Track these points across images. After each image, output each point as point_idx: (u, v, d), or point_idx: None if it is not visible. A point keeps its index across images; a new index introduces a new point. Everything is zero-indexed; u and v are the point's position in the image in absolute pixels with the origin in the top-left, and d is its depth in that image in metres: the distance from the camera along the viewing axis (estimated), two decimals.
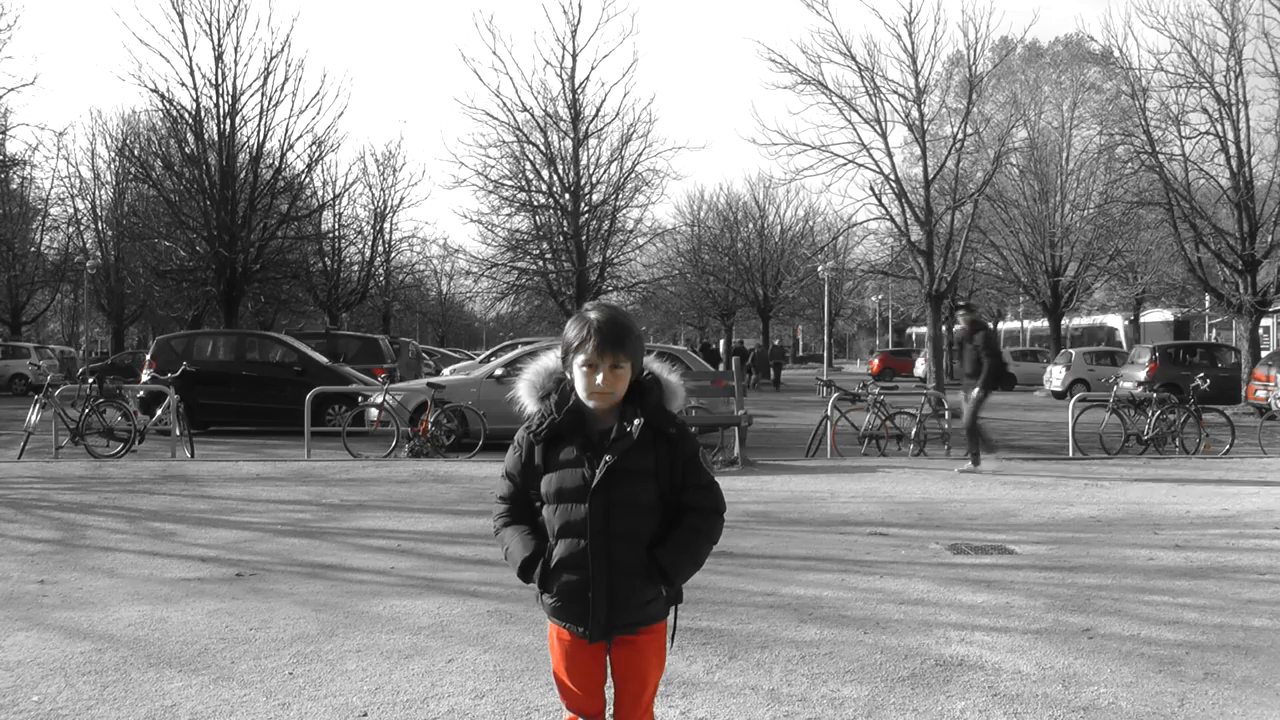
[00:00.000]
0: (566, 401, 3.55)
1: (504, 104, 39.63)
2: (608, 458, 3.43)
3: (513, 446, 3.70)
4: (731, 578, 8.58)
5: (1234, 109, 35.95)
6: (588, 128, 40.20)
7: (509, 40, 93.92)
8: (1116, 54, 40.25)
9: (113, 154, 56.56)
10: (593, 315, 3.52)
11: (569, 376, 3.57)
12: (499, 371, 20.15)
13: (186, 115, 38.20)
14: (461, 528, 10.97)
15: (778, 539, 10.47)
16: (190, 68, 37.68)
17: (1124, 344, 62.51)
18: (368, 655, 6.35)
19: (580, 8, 40.49)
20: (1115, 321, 65.91)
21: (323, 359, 24.32)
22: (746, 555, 9.58)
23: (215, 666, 6.14)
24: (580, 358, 3.47)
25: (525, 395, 3.72)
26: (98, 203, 58.81)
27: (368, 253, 55.04)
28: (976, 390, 16.59)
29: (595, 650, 3.55)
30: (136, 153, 46.67)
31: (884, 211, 39.31)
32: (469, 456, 17.45)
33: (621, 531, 3.43)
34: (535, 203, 41.18)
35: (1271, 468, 17.37)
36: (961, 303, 19.65)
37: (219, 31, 37.73)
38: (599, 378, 3.46)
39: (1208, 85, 36.10)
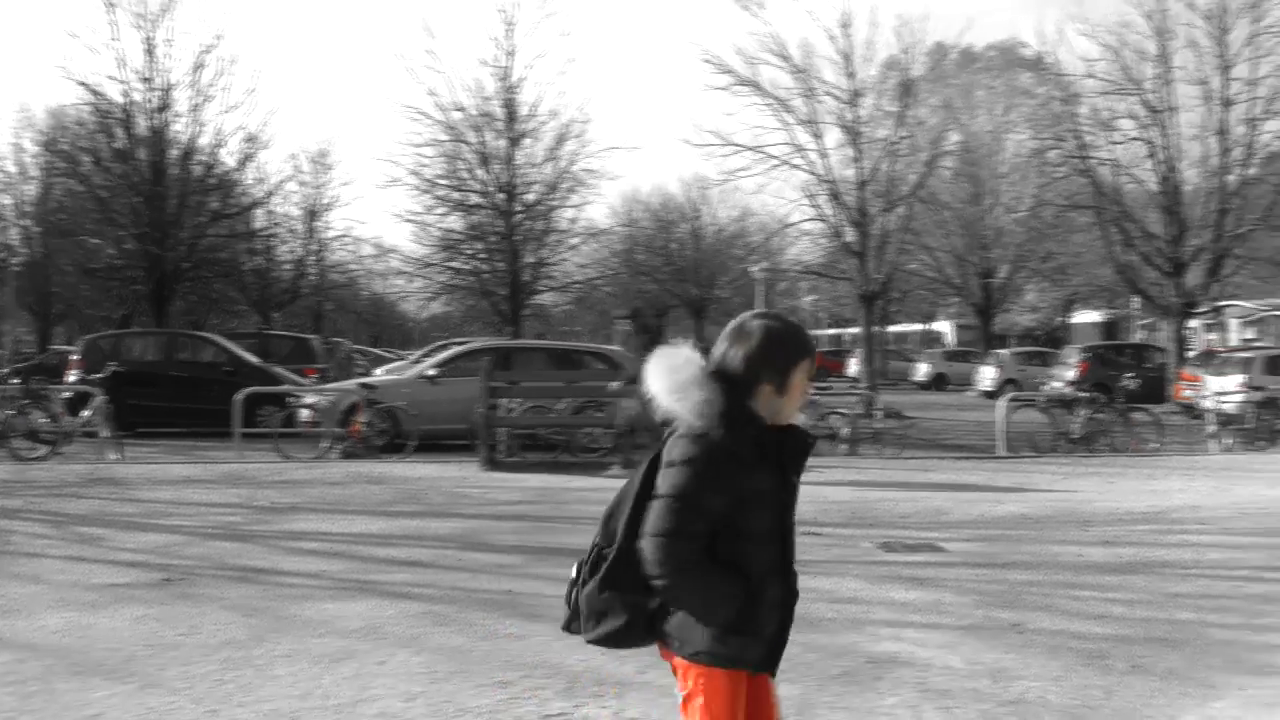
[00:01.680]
0: (754, 418, 3.31)
1: (438, 103, 39.47)
2: (794, 479, 3.36)
3: (708, 464, 3.23)
4: None
5: (1163, 115, 36.54)
6: (523, 127, 40.08)
7: (444, 39, 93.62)
8: (1049, 60, 40.78)
9: (39, 148, 55.66)
10: (801, 329, 3.43)
11: (761, 390, 3.33)
12: (432, 372, 20.07)
13: (116, 110, 37.67)
14: (394, 529, 10.90)
15: None
16: (120, 61, 37.19)
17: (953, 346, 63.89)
18: (298, 660, 6.30)
19: (517, 7, 40.33)
20: (945, 326, 67.19)
21: (254, 359, 24.08)
22: None
23: (142, 674, 6.06)
24: (801, 373, 3.35)
25: (680, 403, 3.31)
26: (23, 198, 57.87)
27: (300, 251, 54.58)
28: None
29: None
30: (64, 147, 45.93)
31: (818, 213, 39.47)
32: (402, 457, 17.33)
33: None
34: (469, 202, 40.96)
35: (1197, 465, 17.63)
36: (626, 311, 19.74)
37: (150, 25, 37.24)
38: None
39: (1137, 92, 36.69)
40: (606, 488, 14.09)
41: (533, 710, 5.56)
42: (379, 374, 27.15)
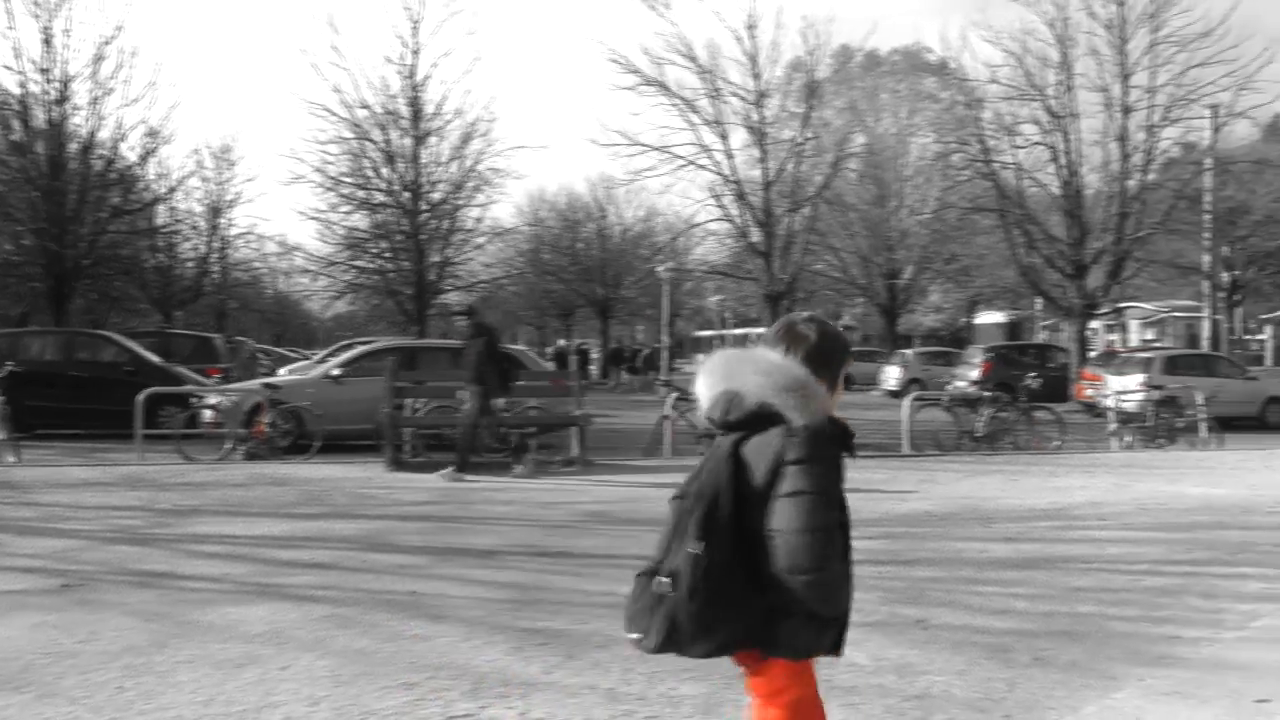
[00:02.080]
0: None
1: (343, 100, 39.13)
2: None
3: (836, 459, 3.42)
4: (570, 578, 8.60)
5: (1064, 121, 37.31)
6: (428, 126, 39.86)
7: (349, 35, 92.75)
8: (953, 65, 41.37)
9: None
10: (841, 330, 3.58)
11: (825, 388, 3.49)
12: (336, 372, 19.88)
13: (12, 101, 36.84)
14: (297, 531, 10.78)
15: (617, 538, 10.50)
16: (15, 51, 36.37)
17: None
18: (200, 665, 6.19)
19: (423, 5, 40.04)
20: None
21: (155, 359, 23.66)
22: (585, 555, 9.60)
23: (39, 683, 5.92)
24: (846, 370, 3.56)
25: (795, 402, 3.37)
26: None
27: (203, 249, 53.78)
28: (474, 393, 15.54)
29: None
30: None
31: (724, 213, 39.74)
32: (305, 458, 17.14)
33: None
34: (374, 201, 40.66)
35: (1098, 462, 17.96)
36: (460, 308, 19.53)
37: (48, 14, 36.42)
38: None
39: (1040, 98, 37.47)
40: (512, 488, 14.08)
41: (438, 711, 5.51)
42: (283, 374, 26.85)
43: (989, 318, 66.64)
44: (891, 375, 43.33)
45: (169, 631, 6.91)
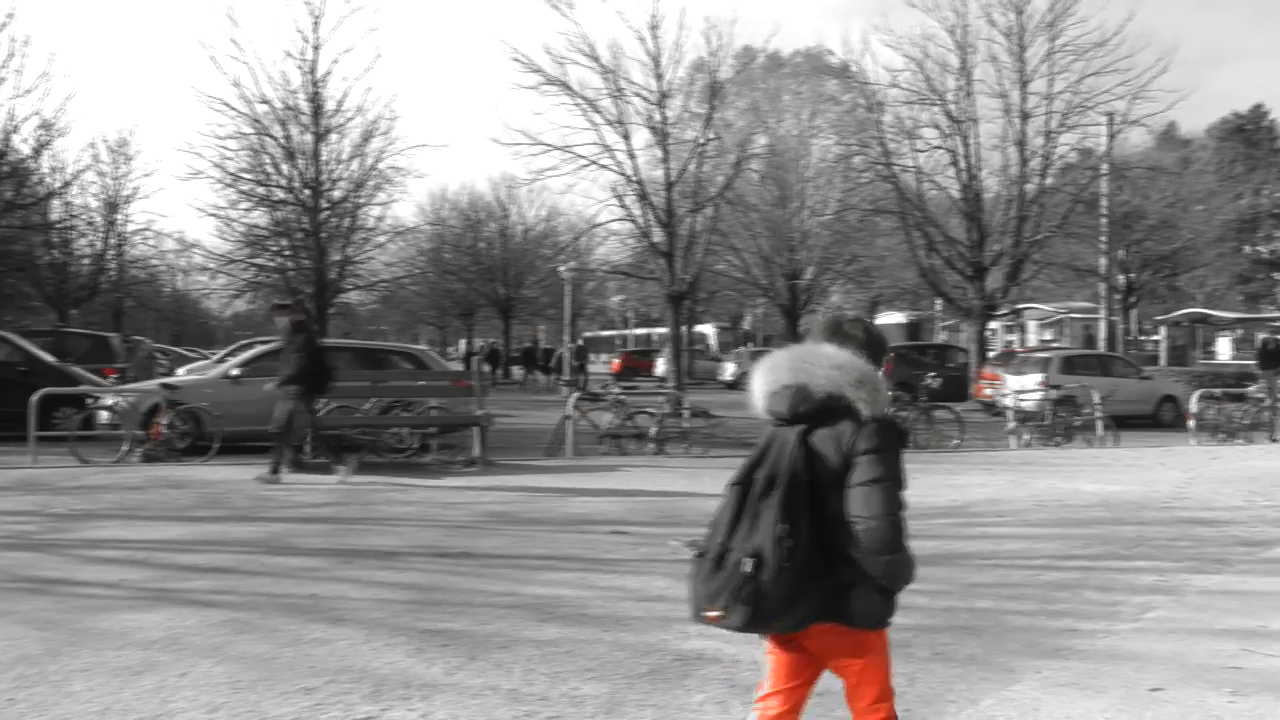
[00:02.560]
0: None
1: (243, 94, 38.54)
2: None
3: (902, 448, 3.83)
4: (472, 578, 8.59)
5: (964, 126, 37.88)
6: (329, 122, 39.42)
7: (248, 28, 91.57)
8: (854, 69, 41.74)
9: None
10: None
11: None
12: (236, 372, 19.58)
13: None
14: (196, 535, 10.61)
15: (518, 539, 10.50)
16: None
17: (715, 349, 65.54)
18: (96, 674, 6.08)
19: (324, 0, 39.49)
20: (708, 329, 68.91)
21: (49, 358, 23.14)
22: (487, 555, 9.58)
23: None
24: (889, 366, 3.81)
25: (867, 395, 3.75)
26: None
27: (99, 245, 52.69)
28: (287, 391, 15.26)
29: None
30: None
31: (626, 213, 39.72)
32: (204, 460, 16.87)
33: None
34: (274, 198, 40.12)
35: (997, 460, 18.25)
36: (284, 301, 19.44)
37: None
38: None
39: (940, 103, 37.97)
40: (413, 487, 13.97)
41: (339, 715, 5.48)
42: (181, 374, 26.43)
43: (890, 318, 67.28)
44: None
45: (64, 639, 6.77)
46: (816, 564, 3.59)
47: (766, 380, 3.90)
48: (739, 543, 3.62)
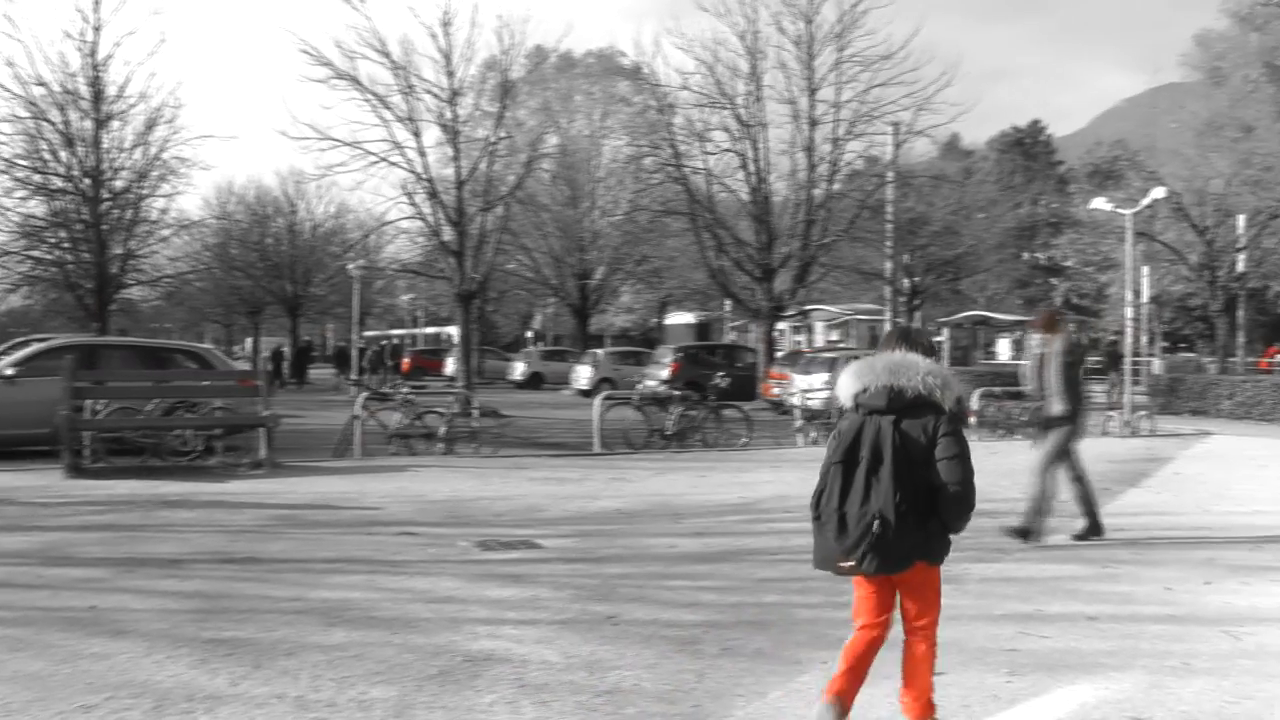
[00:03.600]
0: None
1: (17, 75, 36.77)
2: None
3: (963, 435, 4.99)
4: (257, 584, 8.31)
5: (754, 130, 38.48)
6: (110, 108, 37.91)
7: (23, 3, 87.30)
8: (646, 71, 42.03)
9: None
10: None
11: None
12: (9, 371, 18.52)
13: None
14: None
15: (305, 542, 10.18)
16: None
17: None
18: None
19: None
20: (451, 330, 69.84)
21: None
22: (273, 560, 9.27)
23: None
24: None
25: (946, 389, 4.95)
26: None
27: None
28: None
29: None
30: None
31: (416, 211, 39.16)
32: None
33: None
34: (52, 186, 38.37)
35: (784, 458, 18.50)
36: None
37: None
38: None
39: (730, 106, 38.51)
40: (200, 492, 13.42)
41: None
42: None
43: (679, 318, 68.16)
44: (583, 374, 43.62)
45: None
46: (917, 519, 4.77)
47: (863, 380, 4.98)
48: (853, 508, 4.80)
